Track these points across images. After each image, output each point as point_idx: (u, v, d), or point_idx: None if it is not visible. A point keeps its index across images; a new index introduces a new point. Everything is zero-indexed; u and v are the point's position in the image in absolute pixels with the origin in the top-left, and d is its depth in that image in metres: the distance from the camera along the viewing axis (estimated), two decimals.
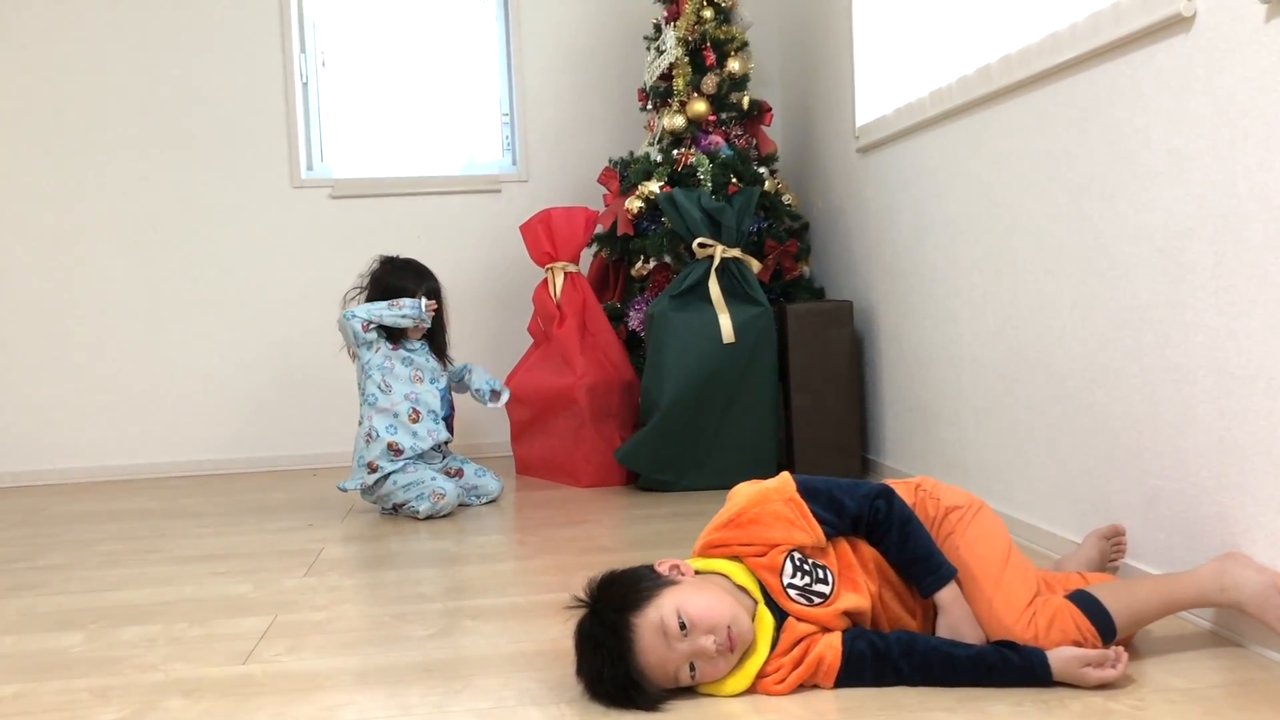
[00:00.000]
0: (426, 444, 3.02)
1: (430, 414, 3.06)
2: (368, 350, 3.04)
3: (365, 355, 3.04)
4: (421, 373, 3.08)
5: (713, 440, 3.13)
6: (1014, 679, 1.45)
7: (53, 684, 1.69)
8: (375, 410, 3.01)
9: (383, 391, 3.01)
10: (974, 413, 2.53)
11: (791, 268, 3.54)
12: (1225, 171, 1.62)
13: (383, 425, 2.99)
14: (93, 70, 3.91)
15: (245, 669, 1.73)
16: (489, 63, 4.20)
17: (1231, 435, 1.63)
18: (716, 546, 1.59)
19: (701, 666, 1.45)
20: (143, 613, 2.09)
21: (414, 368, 3.07)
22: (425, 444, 3.02)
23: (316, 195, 4.04)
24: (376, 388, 3.01)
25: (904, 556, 1.58)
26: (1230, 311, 1.62)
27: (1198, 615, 1.71)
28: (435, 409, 3.08)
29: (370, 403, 3.02)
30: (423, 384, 3.07)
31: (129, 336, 3.96)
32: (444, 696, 1.56)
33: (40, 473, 3.92)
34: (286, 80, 4.00)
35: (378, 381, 3.02)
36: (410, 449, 2.99)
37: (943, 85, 2.58)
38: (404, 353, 3.08)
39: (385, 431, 2.99)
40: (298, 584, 2.27)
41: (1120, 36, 1.84)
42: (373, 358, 3.04)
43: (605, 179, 3.76)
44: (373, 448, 2.98)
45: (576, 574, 2.04)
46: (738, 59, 3.54)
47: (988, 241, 2.42)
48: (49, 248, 3.93)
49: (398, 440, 2.98)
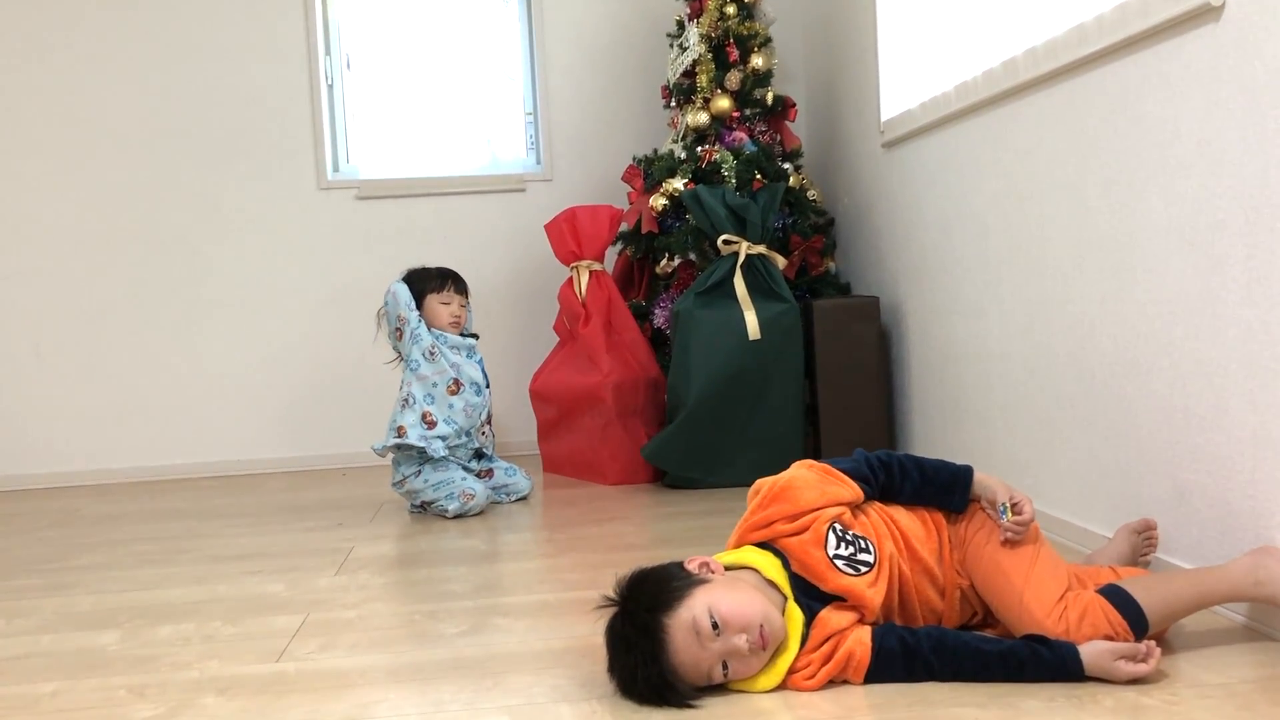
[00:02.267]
0: (460, 420, 3.03)
1: (472, 385, 3.07)
2: (418, 321, 3.03)
3: (415, 323, 3.02)
4: (462, 354, 3.10)
5: (739, 437, 3.13)
6: (1045, 674, 1.45)
7: (90, 681, 1.72)
8: (416, 377, 3.01)
9: (427, 359, 3.02)
10: (1003, 408, 2.52)
11: (817, 264, 3.53)
12: (1257, 163, 1.61)
13: (421, 393, 3.01)
14: (120, 75, 3.95)
15: (279, 667, 1.74)
16: (512, 62, 4.21)
17: (1265, 429, 1.62)
18: (760, 527, 1.59)
19: (734, 665, 1.46)
20: (177, 611, 2.11)
21: (458, 348, 3.10)
22: (459, 420, 3.03)
23: (343, 196, 4.07)
24: (423, 355, 3.01)
25: (931, 486, 1.64)
26: (1263, 304, 1.61)
27: (1231, 610, 1.69)
28: (478, 381, 3.10)
29: (413, 369, 3.02)
30: (463, 359, 3.09)
31: (160, 339, 4.00)
32: (476, 694, 1.57)
33: (75, 474, 3.97)
34: (312, 82, 4.03)
35: (425, 347, 3.01)
36: (444, 422, 3.00)
37: (968, 79, 2.57)
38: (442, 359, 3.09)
39: (423, 400, 3.00)
40: (329, 583, 2.29)
41: (1148, 28, 1.83)
42: (423, 330, 3.03)
43: (629, 177, 3.76)
44: (407, 414, 2.99)
45: (605, 571, 2.05)
46: (761, 55, 3.53)
47: (1015, 236, 2.41)
48: (79, 252, 3.97)
49: (433, 411, 3.00)
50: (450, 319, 3.11)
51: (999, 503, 1.58)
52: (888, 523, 1.62)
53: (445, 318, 3.10)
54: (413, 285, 3.10)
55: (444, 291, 3.11)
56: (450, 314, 3.11)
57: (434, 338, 3.04)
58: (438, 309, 3.10)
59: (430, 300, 3.10)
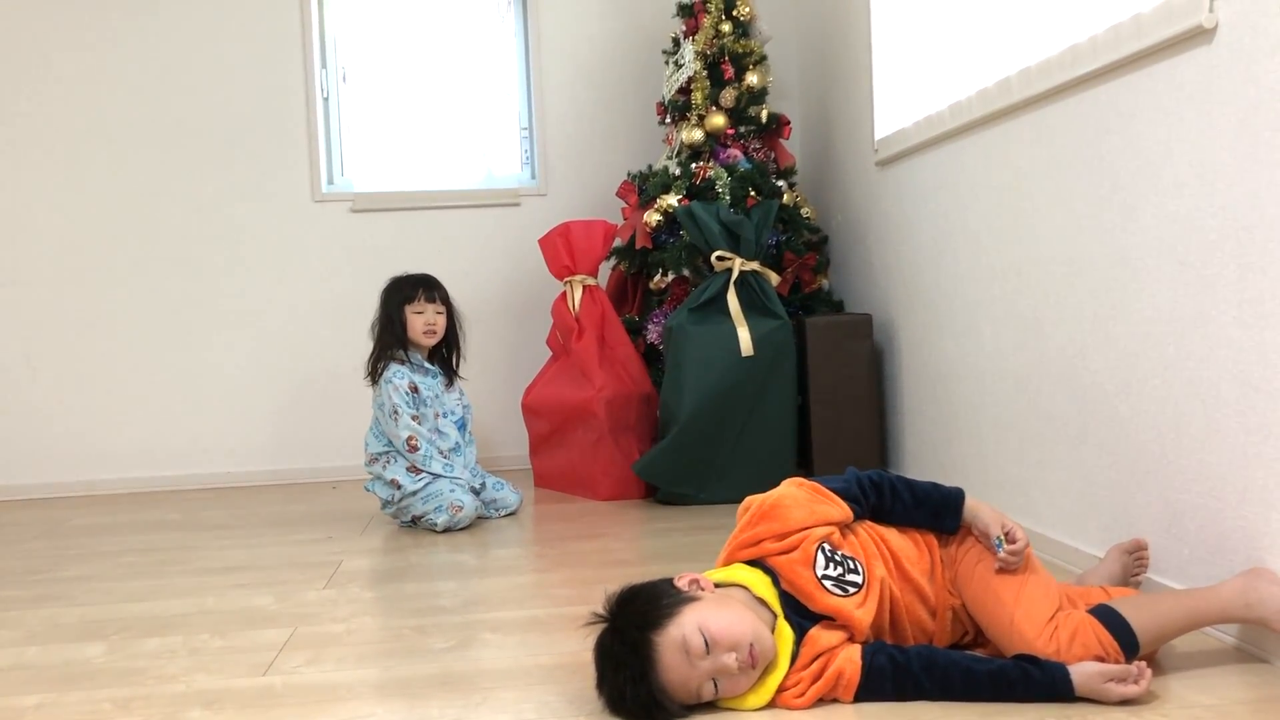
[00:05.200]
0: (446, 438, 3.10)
1: (449, 416, 3.14)
2: (406, 407, 3.03)
3: (406, 419, 3.02)
4: (441, 410, 3.14)
5: (731, 453, 3.13)
6: (1036, 694, 1.44)
7: (75, 694, 1.70)
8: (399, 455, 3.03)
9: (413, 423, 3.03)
10: (995, 426, 2.52)
11: (810, 281, 3.54)
12: (1249, 184, 1.61)
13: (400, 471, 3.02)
14: (116, 85, 3.95)
15: (266, 680, 1.73)
16: (508, 77, 4.22)
17: (1256, 449, 1.62)
18: (748, 546, 1.59)
19: (723, 683, 1.45)
20: (164, 624, 2.10)
21: (434, 407, 3.12)
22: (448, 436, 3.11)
23: (337, 209, 4.07)
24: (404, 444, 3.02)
25: (922, 510, 1.64)
26: (1255, 325, 1.61)
27: (1222, 631, 1.69)
28: (455, 414, 3.16)
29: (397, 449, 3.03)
30: (442, 420, 3.14)
31: (151, 350, 3.99)
32: (463, 709, 1.56)
33: (63, 485, 3.95)
34: (308, 95, 4.03)
35: (406, 432, 3.01)
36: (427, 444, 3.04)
37: (962, 98, 2.57)
38: (424, 392, 3.09)
39: (406, 479, 3.00)
40: (318, 596, 2.28)
41: (1141, 49, 1.83)
42: (406, 419, 3.02)
43: (624, 192, 3.77)
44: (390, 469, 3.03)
45: (595, 587, 2.04)
46: (756, 72, 3.54)
47: (1008, 255, 2.41)
48: (71, 261, 3.96)
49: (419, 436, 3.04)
50: (424, 328, 3.09)
51: (992, 535, 1.58)
52: (878, 543, 1.61)
53: (420, 327, 3.09)
54: (392, 297, 3.11)
55: (416, 301, 3.10)
56: (424, 323, 3.09)
57: (412, 409, 3.03)
58: (412, 319, 3.09)
59: (405, 311, 3.09)
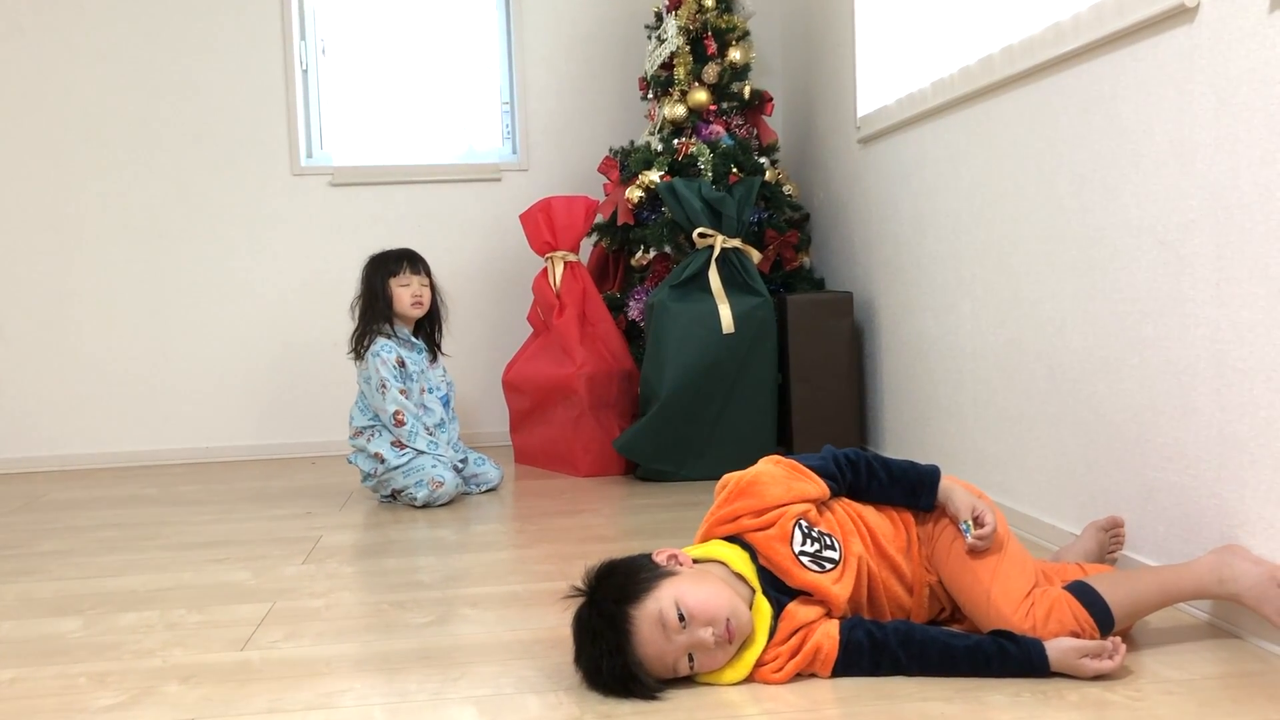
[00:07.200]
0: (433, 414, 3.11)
1: (439, 425, 3.12)
2: (394, 381, 3.02)
3: (394, 393, 3.02)
4: (427, 385, 3.14)
5: (712, 430, 3.13)
6: (1011, 669, 1.46)
7: (50, 669, 1.69)
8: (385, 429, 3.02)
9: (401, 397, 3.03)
10: (973, 404, 2.53)
11: (792, 258, 3.53)
12: (1228, 164, 1.62)
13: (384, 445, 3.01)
14: (92, 57, 3.90)
15: (243, 655, 1.73)
16: (490, 51, 4.19)
17: (1231, 428, 1.63)
18: (726, 522, 1.59)
19: (700, 657, 1.45)
20: (141, 599, 2.09)
21: (420, 382, 3.12)
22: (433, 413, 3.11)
23: (316, 183, 4.03)
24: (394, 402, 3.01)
25: (898, 488, 1.64)
26: (1231, 304, 1.62)
27: (1195, 607, 1.71)
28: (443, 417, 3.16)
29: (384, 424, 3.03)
30: (428, 395, 3.13)
31: (128, 324, 3.96)
32: (442, 684, 1.56)
33: (39, 459, 3.92)
34: (286, 67, 3.99)
35: (394, 405, 3.01)
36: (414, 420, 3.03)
37: (944, 76, 2.57)
38: (410, 367, 3.08)
39: (390, 453, 2.99)
40: (296, 571, 2.27)
41: (1123, 27, 1.83)
42: (392, 384, 3.01)
43: (605, 168, 3.75)
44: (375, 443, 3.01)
45: (575, 563, 2.05)
46: (739, 48, 3.53)
47: (989, 233, 2.42)
48: (48, 235, 3.92)
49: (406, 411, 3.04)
50: (412, 300, 3.10)
51: (960, 520, 1.58)
52: (855, 520, 1.62)
53: (407, 300, 3.09)
54: (376, 272, 3.11)
55: (401, 274, 3.10)
56: (411, 295, 3.10)
57: (399, 383, 3.02)
58: (398, 293, 3.10)
59: (391, 285, 3.09)
